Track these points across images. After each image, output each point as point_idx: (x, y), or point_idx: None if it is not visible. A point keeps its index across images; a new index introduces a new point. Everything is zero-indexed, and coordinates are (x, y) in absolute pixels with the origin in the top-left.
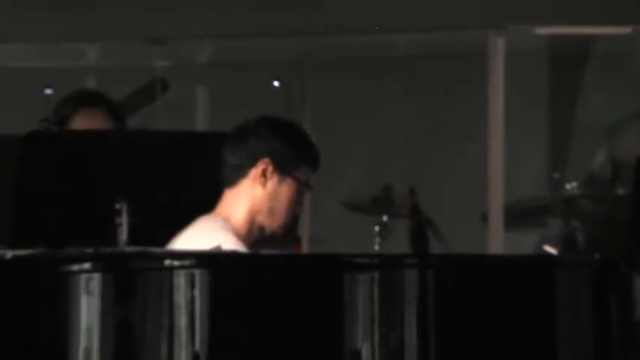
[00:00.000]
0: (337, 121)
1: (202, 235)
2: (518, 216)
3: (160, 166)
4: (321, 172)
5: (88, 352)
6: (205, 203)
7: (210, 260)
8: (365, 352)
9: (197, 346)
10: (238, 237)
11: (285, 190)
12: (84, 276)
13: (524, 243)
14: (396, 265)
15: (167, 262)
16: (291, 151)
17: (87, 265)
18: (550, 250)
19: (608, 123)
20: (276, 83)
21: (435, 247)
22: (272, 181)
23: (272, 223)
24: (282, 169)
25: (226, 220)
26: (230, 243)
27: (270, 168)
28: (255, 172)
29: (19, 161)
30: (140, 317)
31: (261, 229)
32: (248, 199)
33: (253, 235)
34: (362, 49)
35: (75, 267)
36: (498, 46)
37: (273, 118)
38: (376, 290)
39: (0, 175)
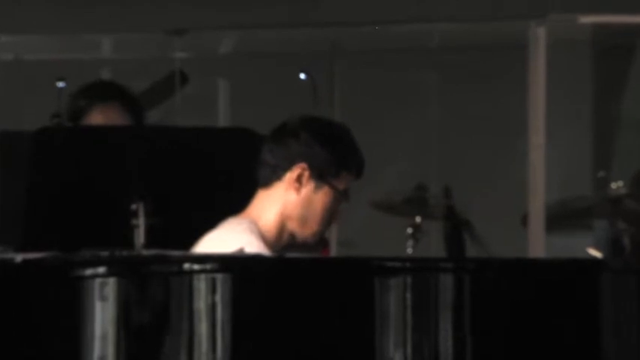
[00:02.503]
0: (368, 117)
1: (226, 237)
2: (560, 218)
3: (179, 164)
4: None
5: None
6: (226, 204)
7: (232, 264)
8: None
9: (218, 356)
10: (265, 240)
11: (321, 198)
12: (98, 281)
13: (567, 246)
14: (430, 269)
15: (186, 265)
16: (331, 158)
17: (101, 269)
18: (594, 254)
19: None
20: (302, 76)
21: (472, 251)
22: (307, 188)
23: (304, 232)
24: (320, 175)
25: (254, 222)
26: (253, 246)
27: (307, 173)
28: (290, 175)
29: (30, 159)
30: (158, 324)
31: (292, 236)
32: (280, 203)
33: (283, 240)
34: (394, 40)
35: (89, 271)
36: (539, 36)
37: (316, 121)
38: (409, 296)
39: (10, 174)
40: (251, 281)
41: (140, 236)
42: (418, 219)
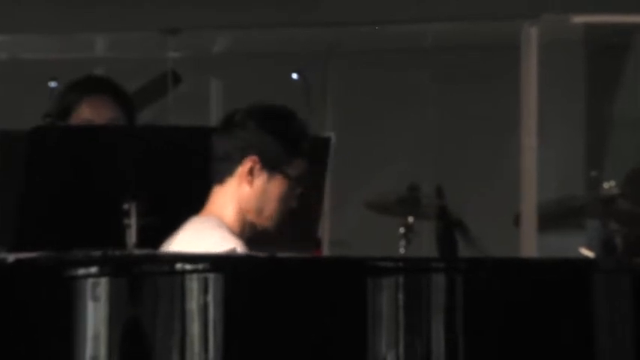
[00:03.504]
0: (361, 117)
1: (198, 236)
2: (552, 217)
3: (172, 163)
4: (342, 170)
5: None
6: None
7: (224, 264)
8: None
9: (210, 355)
10: (233, 235)
11: (275, 187)
12: (90, 280)
13: (559, 246)
14: (423, 269)
15: (179, 265)
16: (282, 146)
17: (93, 269)
18: (587, 253)
19: None
20: (295, 76)
21: (464, 251)
22: (260, 179)
23: (262, 221)
24: (272, 165)
25: (219, 218)
26: (228, 240)
27: (258, 165)
28: (241, 170)
29: (22, 158)
30: (150, 324)
31: (253, 226)
32: (236, 198)
33: (246, 232)
34: (389, 40)
35: (81, 271)
36: (532, 36)
37: (262, 109)
38: (401, 296)
39: (3, 174)
40: (243, 281)
41: (132, 236)
42: (410, 219)
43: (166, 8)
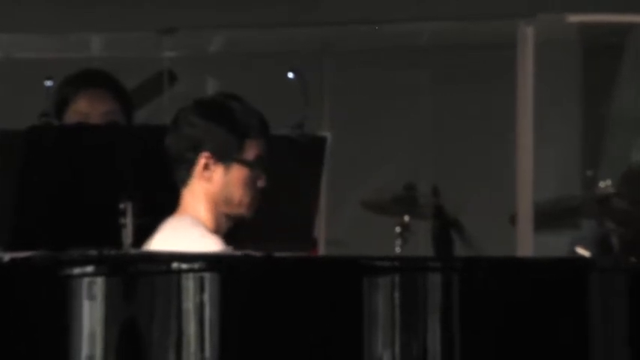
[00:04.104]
0: (357, 116)
1: (177, 235)
2: (548, 217)
3: (167, 163)
4: (338, 169)
5: None
6: None
7: (220, 263)
8: None
9: (207, 355)
10: (211, 231)
11: (235, 175)
12: (86, 280)
13: (555, 246)
14: (419, 268)
15: (175, 265)
16: (229, 133)
17: (89, 269)
18: (583, 253)
19: None
20: (290, 75)
21: (460, 250)
22: (218, 173)
23: (235, 210)
24: (225, 156)
25: (194, 218)
26: (207, 237)
27: (212, 160)
28: (198, 169)
29: (18, 158)
30: (146, 324)
31: (228, 217)
32: (202, 196)
33: (222, 226)
34: (385, 40)
35: (77, 270)
36: (528, 35)
37: (204, 102)
38: (397, 295)
39: None
40: (239, 280)
41: (128, 235)
42: (407, 218)
43: (162, 8)
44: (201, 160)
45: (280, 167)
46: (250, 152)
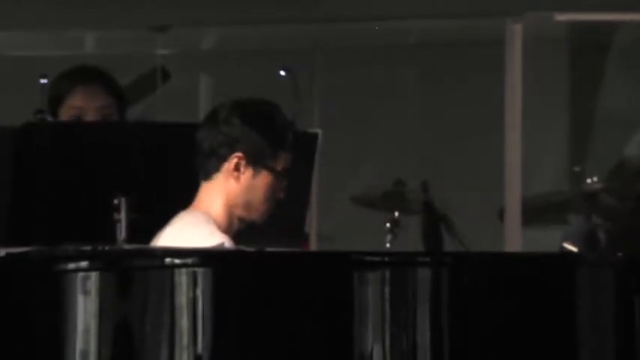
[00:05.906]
0: (347, 113)
1: (187, 231)
2: (536, 212)
3: (161, 159)
4: (329, 165)
5: (85, 355)
6: None
7: (213, 258)
8: (375, 354)
9: (199, 349)
10: (221, 230)
11: (261, 181)
12: (81, 275)
13: (543, 240)
14: (408, 263)
15: (168, 260)
16: (266, 141)
17: (84, 264)
18: (570, 248)
19: (632, 114)
20: (282, 72)
21: (449, 245)
22: (246, 175)
23: (250, 215)
24: (257, 161)
25: (207, 213)
26: (215, 235)
27: (244, 162)
28: (227, 166)
29: (13, 154)
30: (140, 318)
31: (241, 220)
32: (223, 194)
33: (234, 226)
34: (374, 37)
35: (71, 265)
36: (516, 33)
37: (246, 104)
38: (387, 290)
39: None
40: (232, 275)
41: (122, 231)
42: (396, 214)
43: (155, 5)
44: (234, 160)
45: None
46: (280, 163)
